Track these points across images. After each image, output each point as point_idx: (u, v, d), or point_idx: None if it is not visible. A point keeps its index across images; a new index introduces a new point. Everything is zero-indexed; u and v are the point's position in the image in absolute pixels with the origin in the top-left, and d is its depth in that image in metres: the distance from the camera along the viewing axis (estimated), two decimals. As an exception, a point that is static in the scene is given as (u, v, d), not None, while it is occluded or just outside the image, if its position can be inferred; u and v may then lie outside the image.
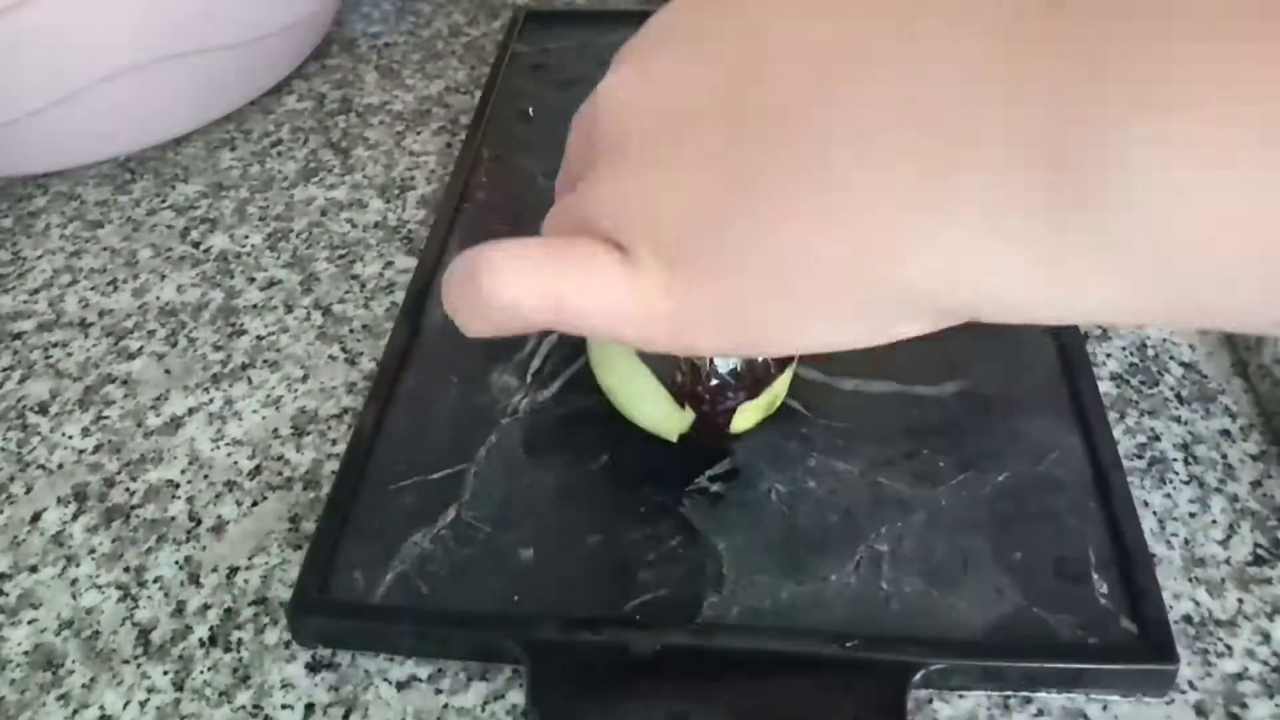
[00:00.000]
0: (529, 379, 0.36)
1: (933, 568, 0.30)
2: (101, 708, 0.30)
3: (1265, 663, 0.30)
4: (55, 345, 0.42)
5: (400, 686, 0.30)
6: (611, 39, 0.51)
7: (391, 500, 0.33)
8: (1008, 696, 0.29)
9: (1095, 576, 0.30)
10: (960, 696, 0.29)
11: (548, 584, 0.31)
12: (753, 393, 0.32)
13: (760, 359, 0.31)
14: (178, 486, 0.36)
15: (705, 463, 0.33)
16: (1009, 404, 0.34)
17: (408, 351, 0.38)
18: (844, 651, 0.28)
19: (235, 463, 0.37)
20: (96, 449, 0.37)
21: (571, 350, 0.37)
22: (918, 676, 0.28)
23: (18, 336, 0.42)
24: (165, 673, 0.31)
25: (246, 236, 0.46)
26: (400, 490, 0.33)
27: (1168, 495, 0.34)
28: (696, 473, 0.33)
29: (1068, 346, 0.36)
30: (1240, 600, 0.31)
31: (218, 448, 0.37)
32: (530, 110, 0.49)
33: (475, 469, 0.34)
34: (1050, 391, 0.35)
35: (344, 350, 0.40)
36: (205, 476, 0.36)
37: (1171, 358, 0.38)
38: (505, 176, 0.45)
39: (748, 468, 0.33)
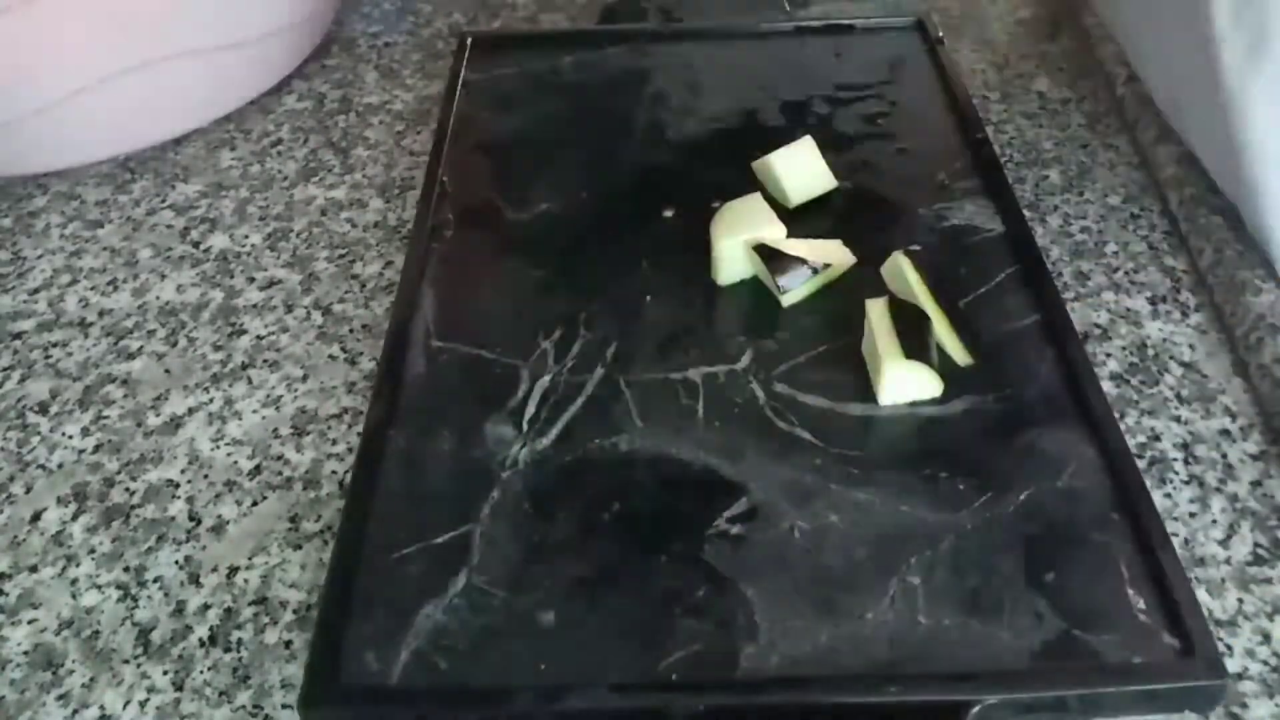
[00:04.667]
0: (525, 427, 0.35)
1: (968, 597, 0.29)
2: (101, 708, 0.30)
3: (1265, 663, 0.30)
4: (55, 345, 0.42)
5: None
6: (554, 62, 0.50)
7: (396, 570, 0.31)
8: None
9: (1130, 592, 0.29)
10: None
11: (574, 649, 0.29)
12: None
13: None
14: (178, 486, 0.36)
15: (722, 504, 0.32)
16: (1018, 418, 0.34)
17: (393, 407, 0.35)
18: (896, 696, 0.27)
19: (235, 463, 0.37)
20: (96, 449, 0.37)
21: (565, 393, 0.36)
22: (974, 712, 0.27)
23: (18, 336, 0.42)
24: (165, 673, 0.31)
25: (246, 236, 0.46)
26: (404, 559, 0.31)
27: (1168, 495, 0.34)
28: (714, 515, 0.32)
29: (1068, 354, 0.35)
30: (1240, 600, 0.31)
31: (218, 448, 0.37)
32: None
33: (481, 529, 0.32)
34: (1056, 402, 0.34)
35: (344, 350, 0.40)
36: (205, 476, 0.36)
37: (1171, 358, 0.38)
38: (470, 213, 0.43)
39: (765, 506, 0.32)
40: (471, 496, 0.33)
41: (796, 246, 0.37)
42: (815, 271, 0.37)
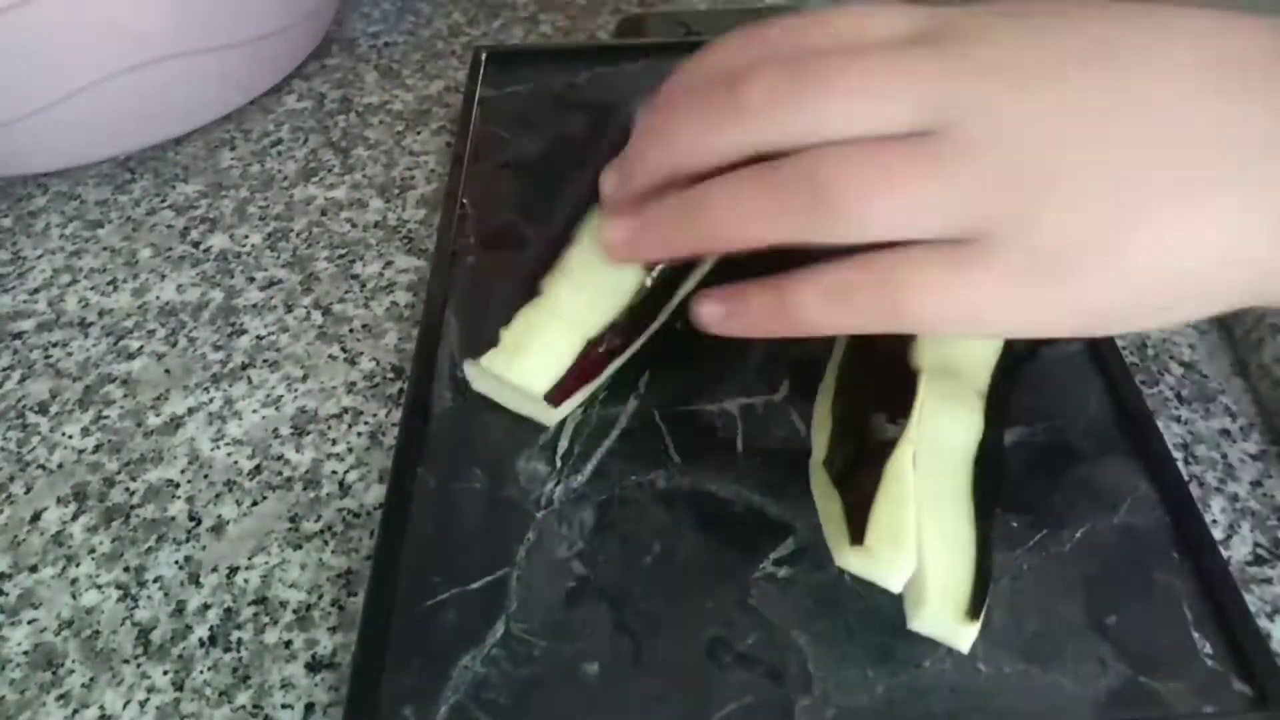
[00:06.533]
0: (558, 463, 0.33)
1: (1029, 642, 0.28)
2: (101, 708, 0.30)
3: (1265, 663, 0.30)
4: (55, 345, 0.42)
5: (400, 686, 0.30)
6: (570, 78, 0.49)
7: (431, 619, 0.30)
8: None
9: (1196, 635, 0.28)
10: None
11: (620, 701, 0.28)
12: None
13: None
14: (178, 486, 0.36)
15: (767, 544, 0.31)
16: (1069, 450, 0.33)
17: (421, 446, 0.34)
18: None
19: (235, 463, 0.37)
20: (96, 449, 0.37)
21: (599, 427, 0.34)
22: None
23: (18, 336, 0.42)
24: (165, 673, 0.31)
25: (246, 236, 0.46)
26: (438, 606, 0.30)
27: (1168, 495, 0.34)
28: (760, 557, 0.31)
29: (1117, 383, 0.34)
30: (1240, 600, 0.31)
31: (218, 448, 0.37)
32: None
33: (518, 573, 0.31)
34: (1107, 433, 0.33)
35: (344, 350, 0.40)
36: (205, 476, 0.36)
37: (1171, 358, 0.38)
38: (492, 236, 0.42)
39: (814, 546, 0.30)
40: (507, 539, 0.31)
41: None
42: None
